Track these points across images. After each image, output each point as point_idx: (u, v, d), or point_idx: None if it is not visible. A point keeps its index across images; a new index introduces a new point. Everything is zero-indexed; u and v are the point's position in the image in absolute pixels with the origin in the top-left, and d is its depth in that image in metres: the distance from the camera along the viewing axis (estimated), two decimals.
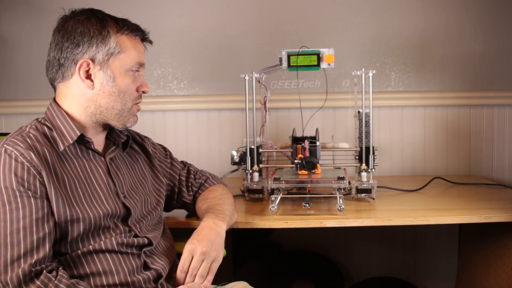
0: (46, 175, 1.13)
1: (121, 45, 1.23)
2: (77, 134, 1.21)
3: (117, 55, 1.22)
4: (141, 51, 1.28)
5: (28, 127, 1.21)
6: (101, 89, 1.23)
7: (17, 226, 1.09)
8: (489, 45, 2.28)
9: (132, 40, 1.25)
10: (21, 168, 1.12)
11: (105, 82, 1.22)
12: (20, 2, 2.32)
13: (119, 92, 1.24)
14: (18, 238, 1.09)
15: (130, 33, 1.25)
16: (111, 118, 1.25)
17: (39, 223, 1.11)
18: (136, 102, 1.29)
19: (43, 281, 1.07)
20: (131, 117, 1.29)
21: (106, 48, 1.21)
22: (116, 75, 1.23)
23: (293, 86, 2.27)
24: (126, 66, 1.24)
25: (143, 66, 1.30)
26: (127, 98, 1.26)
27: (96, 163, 1.26)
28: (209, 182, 1.57)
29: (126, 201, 1.26)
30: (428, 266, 2.39)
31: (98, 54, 1.21)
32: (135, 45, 1.26)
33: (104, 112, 1.24)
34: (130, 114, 1.28)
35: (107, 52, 1.21)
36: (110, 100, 1.24)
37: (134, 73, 1.26)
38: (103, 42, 1.21)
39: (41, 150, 1.16)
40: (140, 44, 1.28)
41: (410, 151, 2.34)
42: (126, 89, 1.25)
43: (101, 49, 1.21)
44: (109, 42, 1.21)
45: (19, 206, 1.10)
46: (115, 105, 1.24)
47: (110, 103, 1.24)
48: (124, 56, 1.23)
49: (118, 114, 1.26)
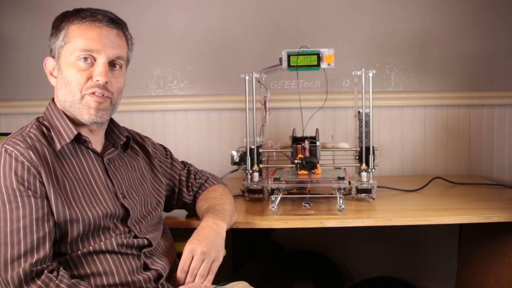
0: (45, 175, 1.14)
1: (69, 36, 1.21)
2: (74, 133, 1.21)
3: (64, 47, 1.21)
4: (90, 37, 1.19)
5: (29, 127, 1.22)
6: (58, 83, 1.24)
7: (17, 225, 1.09)
8: (489, 45, 2.28)
9: (81, 27, 1.20)
10: (21, 168, 1.12)
11: (59, 75, 1.23)
12: (20, 2, 2.31)
13: (66, 83, 1.21)
14: (18, 237, 1.09)
15: (79, 21, 1.20)
16: (70, 111, 1.23)
17: (39, 222, 1.11)
18: (89, 92, 1.20)
19: (44, 281, 1.07)
20: (86, 109, 1.21)
21: (57, 42, 1.22)
22: (63, 67, 1.21)
23: (293, 86, 2.27)
24: (71, 55, 1.20)
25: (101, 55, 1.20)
26: (74, 89, 1.20)
27: (94, 162, 1.26)
28: (209, 182, 1.57)
29: (125, 201, 1.26)
30: (428, 266, 2.39)
31: (55, 50, 1.23)
32: (83, 32, 1.20)
33: (64, 106, 1.24)
34: (83, 105, 1.20)
35: (58, 46, 1.22)
36: (62, 93, 1.23)
37: (84, 62, 1.20)
38: (56, 37, 1.22)
39: (41, 150, 1.16)
40: (91, 30, 1.20)
41: (410, 151, 2.34)
42: (71, 78, 1.20)
43: (56, 45, 1.23)
44: (60, 35, 1.22)
45: (19, 206, 1.10)
46: (66, 97, 1.22)
47: (62, 96, 1.23)
48: (69, 46, 1.20)
49: (72, 106, 1.22)
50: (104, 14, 1.23)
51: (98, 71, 1.20)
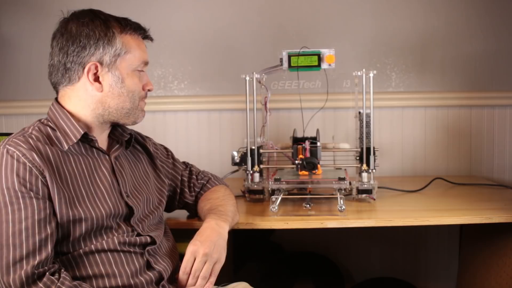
0: (49, 175, 1.13)
1: (127, 45, 1.23)
2: (80, 133, 1.21)
3: (124, 56, 1.23)
4: (145, 49, 1.29)
5: (31, 128, 1.21)
6: (110, 90, 1.23)
7: (19, 227, 1.09)
8: (490, 45, 2.28)
9: (136, 39, 1.26)
10: (23, 169, 1.12)
11: (114, 83, 1.23)
12: (20, 3, 2.32)
13: (128, 92, 1.25)
14: (20, 239, 1.08)
15: (133, 33, 1.25)
16: (121, 117, 1.27)
17: (41, 224, 1.11)
18: (142, 99, 1.31)
19: (46, 283, 1.07)
20: (140, 113, 1.31)
21: (112, 50, 1.21)
22: (124, 76, 1.24)
23: (294, 86, 2.26)
24: (132, 66, 1.25)
25: (147, 65, 1.31)
26: (136, 97, 1.27)
27: (100, 161, 1.26)
28: (211, 182, 1.57)
29: (129, 200, 1.26)
30: (429, 267, 2.39)
31: (105, 56, 1.21)
32: (139, 44, 1.27)
33: (113, 112, 1.25)
34: (139, 111, 1.30)
35: (114, 54, 1.21)
36: (119, 100, 1.25)
37: (140, 72, 1.28)
38: (109, 44, 1.21)
39: (43, 150, 1.16)
40: (143, 43, 1.29)
41: (411, 151, 2.33)
42: (135, 88, 1.26)
43: (108, 51, 1.21)
44: (115, 43, 1.21)
45: (21, 207, 1.10)
46: (125, 105, 1.26)
47: (120, 103, 1.25)
48: (130, 56, 1.24)
49: (128, 113, 1.27)
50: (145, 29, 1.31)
51: (148, 80, 1.32)
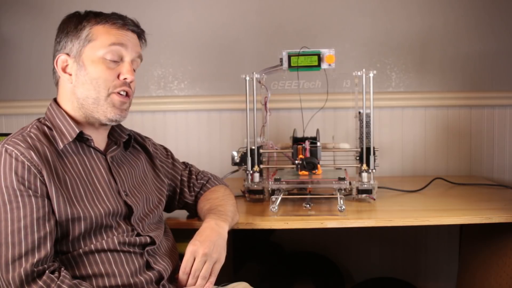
0: (47, 174, 1.14)
1: (94, 34, 1.23)
2: (76, 132, 1.21)
3: (88, 44, 1.22)
4: (117, 35, 1.24)
5: (29, 127, 1.22)
6: (76, 80, 1.23)
7: (18, 225, 1.09)
8: (490, 45, 2.28)
9: (108, 27, 1.24)
10: (22, 167, 1.12)
11: (79, 72, 1.23)
12: (21, 3, 2.32)
13: (91, 80, 1.22)
14: (19, 237, 1.09)
15: (106, 22, 1.24)
16: (90, 109, 1.24)
17: (40, 222, 1.11)
18: (116, 91, 1.24)
19: (46, 281, 1.07)
20: (110, 107, 1.24)
21: (78, 41, 1.23)
22: (87, 63, 1.22)
23: (294, 86, 2.26)
24: (97, 53, 1.22)
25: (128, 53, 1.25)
26: (101, 85, 1.22)
27: (97, 160, 1.26)
28: (211, 182, 1.57)
29: (128, 199, 1.26)
30: (428, 267, 2.39)
31: (73, 47, 1.23)
32: (110, 31, 1.24)
33: (84, 104, 1.24)
34: (108, 103, 1.23)
35: (79, 44, 1.22)
36: (84, 89, 1.23)
37: (112, 61, 1.23)
38: (76, 35, 1.23)
39: (41, 149, 1.16)
40: (118, 30, 1.24)
41: (411, 151, 2.34)
42: (99, 75, 1.22)
43: (75, 42, 1.23)
44: (82, 34, 1.22)
45: (19, 205, 1.10)
46: (89, 93, 1.23)
47: (84, 92, 1.23)
48: (95, 43, 1.22)
49: (95, 103, 1.23)
50: (129, 18, 1.28)
51: (125, 69, 1.25)
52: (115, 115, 1.25)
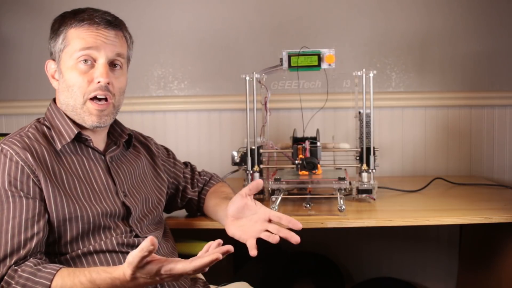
0: (43, 174, 1.13)
1: (67, 39, 1.21)
2: (74, 132, 1.21)
3: (64, 50, 1.21)
4: (88, 37, 1.19)
5: (28, 127, 1.23)
6: (59, 87, 1.24)
7: (6, 226, 1.09)
8: (490, 45, 2.28)
9: (78, 29, 1.20)
10: (15, 168, 1.12)
11: (60, 79, 1.23)
12: (21, 3, 2.31)
13: (67, 87, 1.21)
14: (6, 238, 1.09)
15: (77, 24, 1.20)
16: (72, 115, 1.23)
17: (29, 223, 1.11)
18: (91, 97, 1.20)
19: (10, 274, 1.07)
20: (87, 115, 1.20)
21: (57, 46, 1.22)
22: (64, 70, 1.21)
23: (294, 86, 2.26)
24: (71, 58, 1.20)
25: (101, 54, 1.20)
26: (76, 92, 1.20)
27: (95, 161, 1.26)
28: (214, 179, 1.58)
29: (126, 200, 1.26)
30: (428, 267, 2.39)
31: (55, 53, 1.23)
32: (80, 34, 1.19)
33: (66, 109, 1.24)
34: (85, 111, 1.20)
35: (58, 49, 1.22)
36: (64, 96, 1.23)
37: (85, 64, 1.19)
38: (56, 40, 1.22)
39: (39, 149, 1.16)
40: (87, 31, 1.19)
41: (411, 151, 2.33)
42: (74, 82, 1.19)
43: (56, 48, 1.23)
44: (59, 39, 1.21)
45: (10, 206, 1.11)
46: (68, 101, 1.22)
47: (64, 99, 1.23)
48: (69, 48, 1.20)
49: (73, 111, 1.22)
50: (102, 16, 1.21)
51: (98, 72, 1.19)
52: (93, 123, 1.22)
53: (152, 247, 0.95)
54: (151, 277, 1.02)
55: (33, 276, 1.05)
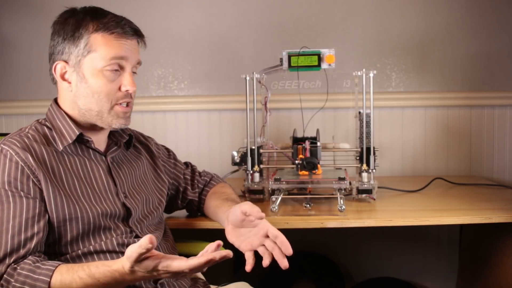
0: (43, 175, 1.14)
1: (93, 45, 1.19)
2: (76, 134, 1.21)
3: (88, 55, 1.19)
4: (119, 47, 1.20)
5: (28, 128, 1.23)
6: (77, 90, 1.21)
7: (6, 226, 1.10)
8: (490, 45, 2.28)
9: (107, 37, 1.20)
10: (15, 168, 1.12)
11: (79, 83, 1.21)
12: (21, 3, 2.31)
13: (92, 93, 1.20)
14: (6, 238, 1.09)
15: (105, 31, 1.20)
16: (94, 119, 1.23)
17: (29, 222, 1.11)
18: (118, 102, 1.23)
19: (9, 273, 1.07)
20: (115, 119, 1.23)
21: (77, 49, 1.19)
22: (88, 76, 1.20)
23: (294, 86, 2.26)
24: (98, 65, 1.19)
25: (128, 63, 1.22)
26: (103, 99, 1.21)
27: (96, 162, 1.26)
28: (215, 179, 1.58)
29: (126, 201, 1.26)
30: (428, 267, 2.39)
31: (71, 55, 1.20)
32: (110, 42, 1.19)
33: (86, 114, 1.23)
34: (112, 116, 1.23)
35: (77, 54, 1.19)
36: (86, 101, 1.21)
37: (114, 72, 1.21)
38: (74, 43, 1.19)
39: (38, 150, 1.16)
40: (117, 41, 1.20)
41: (411, 151, 2.33)
42: (101, 89, 1.20)
43: (73, 50, 1.19)
44: (80, 43, 1.19)
45: (10, 206, 1.11)
46: (92, 106, 1.21)
47: (86, 104, 1.21)
48: (95, 55, 1.19)
49: (98, 115, 1.22)
50: (129, 25, 1.23)
51: (127, 81, 1.23)
52: (120, 125, 1.25)
53: (151, 245, 0.96)
54: (149, 272, 1.03)
55: (32, 273, 1.06)
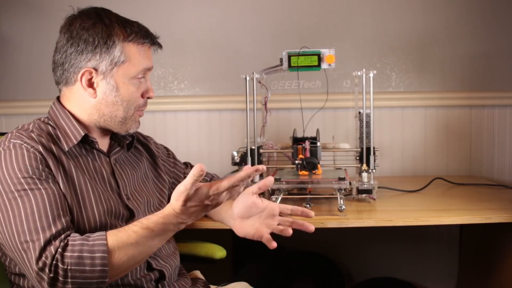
0: (54, 168, 1.13)
1: (127, 54, 1.19)
2: (81, 135, 1.20)
3: (122, 64, 1.19)
4: (148, 57, 1.24)
5: (31, 126, 1.21)
6: (104, 98, 1.21)
7: (44, 210, 1.07)
8: (490, 45, 2.28)
9: (139, 47, 1.22)
10: (34, 158, 1.11)
11: (108, 91, 1.20)
12: (21, 3, 2.31)
13: (122, 101, 1.21)
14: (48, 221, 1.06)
15: (137, 40, 1.21)
16: (114, 126, 1.24)
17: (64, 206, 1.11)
18: (140, 109, 1.27)
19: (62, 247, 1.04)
20: (133, 124, 1.27)
21: (110, 58, 1.18)
22: (120, 85, 1.20)
23: (294, 86, 2.26)
24: (130, 74, 1.21)
25: (149, 71, 1.27)
26: (131, 106, 1.23)
27: (100, 163, 1.25)
28: (215, 179, 1.58)
29: (129, 203, 1.26)
30: (428, 267, 2.39)
31: (101, 63, 1.18)
32: (141, 52, 1.22)
33: (107, 120, 1.23)
34: (132, 121, 1.26)
35: (111, 62, 1.18)
36: (113, 109, 1.22)
37: (140, 80, 1.23)
38: (107, 52, 1.18)
39: (47, 145, 1.16)
40: (148, 51, 1.25)
41: (411, 151, 2.33)
42: (130, 97, 1.22)
43: (104, 58, 1.18)
44: (113, 51, 1.18)
45: (42, 192, 1.09)
46: (118, 113, 1.22)
47: (113, 112, 1.22)
48: (128, 65, 1.20)
49: (121, 122, 1.24)
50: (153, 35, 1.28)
51: (149, 88, 1.27)
52: (135, 129, 1.29)
53: (202, 172, 1.04)
54: (201, 202, 1.07)
55: (86, 241, 1.05)
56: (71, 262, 1.02)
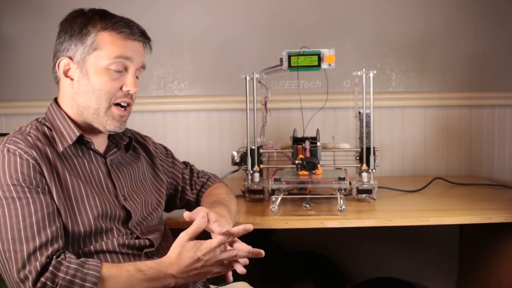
0: (48, 173, 1.14)
1: (99, 42, 1.19)
2: (76, 135, 1.21)
3: (93, 52, 1.20)
4: (124, 46, 1.21)
5: (29, 127, 1.21)
6: (78, 87, 1.21)
7: (30, 220, 1.09)
8: (490, 45, 2.28)
9: (114, 36, 1.21)
10: (27, 165, 1.12)
11: (81, 80, 1.21)
12: (21, 3, 2.31)
13: (93, 90, 1.20)
14: (32, 231, 1.08)
15: (114, 30, 1.20)
16: (90, 118, 1.23)
17: (51, 217, 1.11)
18: (117, 102, 1.23)
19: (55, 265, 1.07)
20: (110, 120, 1.23)
21: (83, 46, 1.20)
22: (91, 73, 1.20)
23: (294, 86, 2.26)
24: (102, 62, 1.20)
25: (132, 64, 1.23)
26: (103, 96, 1.21)
27: (96, 164, 1.25)
28: (211, 180, 1.58)
29: (126, 204, 1.26)
30: (428, 267, 2.39)
31: (76, 52, 1.20)
32: (116, 41, 1.20)
33: (83, 111, 1.22)
34: (108, 116, 1.22)
35: (83, 51, 1.20)
36: (85, 98, 1.21)
37: (118, 72, 1.21)
38: (81, 40, 1.20)
39: (42, 149, 1.16)
40: (124, 40, 1.21)
41: (411, 151, 2.33)
42: (102, 87, 1.20)
43: (79, 47, 1.20)
44: (87, 40, 1.19)
45: (29, 201, 1.10)
46: (90, 103, 1.21)
47: (85, 101, 1.21)
48: (100, 52, 1.20)
49: (94, 114, 1.22)
50: (137, 27, 1.25)
51: (129, 81, 1.23)
52: (114, 128, 1.24)
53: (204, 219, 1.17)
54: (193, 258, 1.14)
55: (81, 267, 1.08)
56: (61, 284, 1.05)
